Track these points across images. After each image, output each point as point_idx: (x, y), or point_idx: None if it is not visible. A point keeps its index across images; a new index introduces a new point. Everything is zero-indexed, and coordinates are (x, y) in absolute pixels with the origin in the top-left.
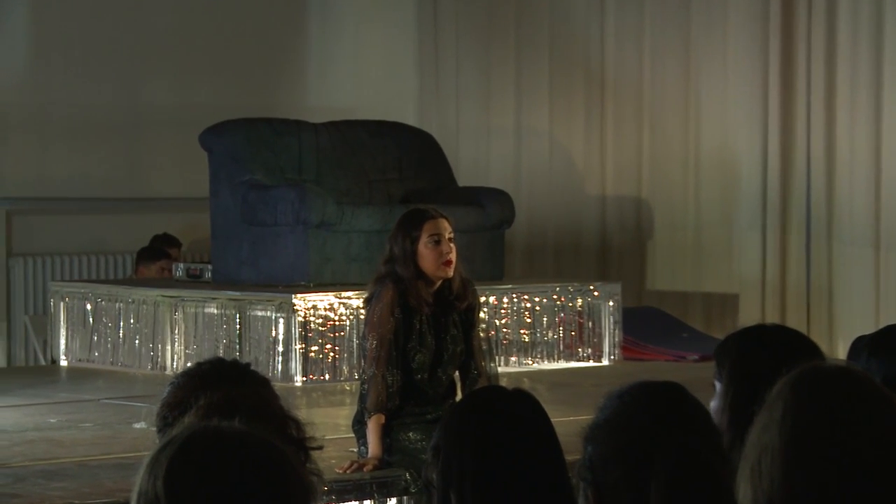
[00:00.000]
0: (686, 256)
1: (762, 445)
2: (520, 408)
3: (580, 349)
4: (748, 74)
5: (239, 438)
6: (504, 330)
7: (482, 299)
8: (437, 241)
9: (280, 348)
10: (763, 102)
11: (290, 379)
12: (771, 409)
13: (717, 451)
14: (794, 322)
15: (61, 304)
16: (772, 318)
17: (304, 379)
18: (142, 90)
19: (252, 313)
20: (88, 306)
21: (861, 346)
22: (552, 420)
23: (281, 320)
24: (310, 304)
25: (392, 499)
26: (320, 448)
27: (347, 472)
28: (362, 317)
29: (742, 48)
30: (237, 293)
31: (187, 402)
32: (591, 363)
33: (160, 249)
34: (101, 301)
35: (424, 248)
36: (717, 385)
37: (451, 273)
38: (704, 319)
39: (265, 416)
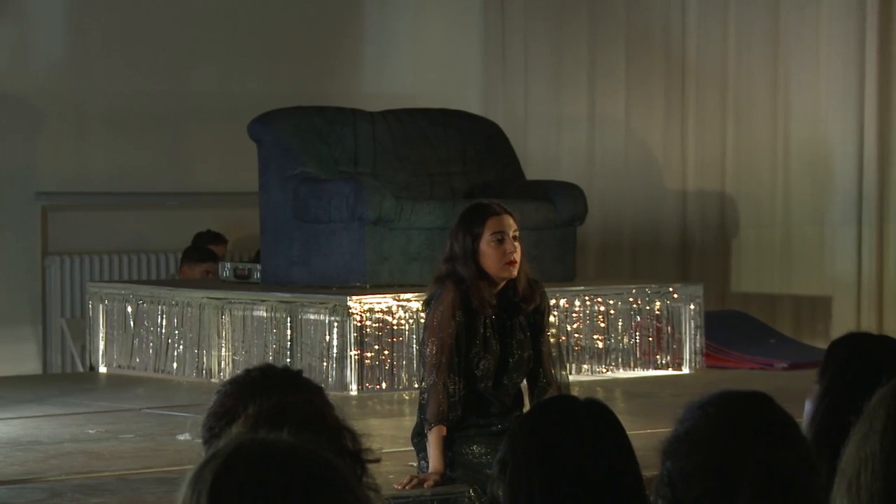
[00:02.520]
0: (774, 255)
1: (861, 458)
2: (593, 419)
3: (658, 356)
4: (843, 57)
5: (288, 451)
6: (576, 335)
7: (552, 302)
8: (501, 239)
9: (334, 354)
10: (859, 88)
11: (345, 387)
12: (871, 420)
13: (807, 466)
14: (893, 327)
15: (100, 306)
16: (867, 322)
17: (360, 387)
18: (187, 77)
19: (304, 317)
20: (129, 309)
21: None
22: (628, 433)
23: (335, 324)
24: (366, 307)
25: None
26: (377, 461)
27: (407, 487)
28: (422, 320)
29: (836, 29)
30: (288, 295)
31: (235, 412)
32: (670, 371)
33: (207, 250)
34: (143, 303)
35: (487, 247)
36: (818, 386)
37: (514, 274)
38: (794, 324)
39: (319, 426)
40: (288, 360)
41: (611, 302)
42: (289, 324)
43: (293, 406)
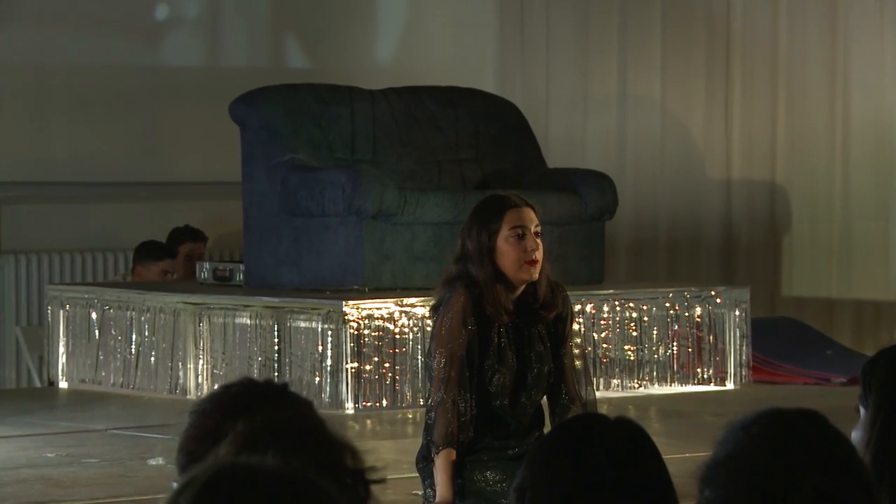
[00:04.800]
0: (831, 254)
1: None
2: (623, 441)
3: (699, 370)
4: None
5: (273, 476)
6: (604, 345)
7: (577, 308)
8: (521, 235)
9: (328, 367)
10: None
11: (340, 405)
12: None
13: (865, 494)
14: None
15: (61, 312)
16: None
17: (357, 405)
18: (161, 51)
19: (293, 324)
20: (94, 315)
21: None
22: (663, 457)
23: (329, 333)
24: (364, 313)
25: None
26: (383, 481)
27: None
28: (428, 329)
29: None
30: (275, 299)
31: (219, 432)
32: (712, 387)
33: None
34: (110, 309)
35: (505, 244)
36: (862, 411)
37: (535, 275)
38: (854, 333)
39: (316, 443)
40: (275, 373)
41: (644, 308)
42: (276, 332)
43: (285, 422)
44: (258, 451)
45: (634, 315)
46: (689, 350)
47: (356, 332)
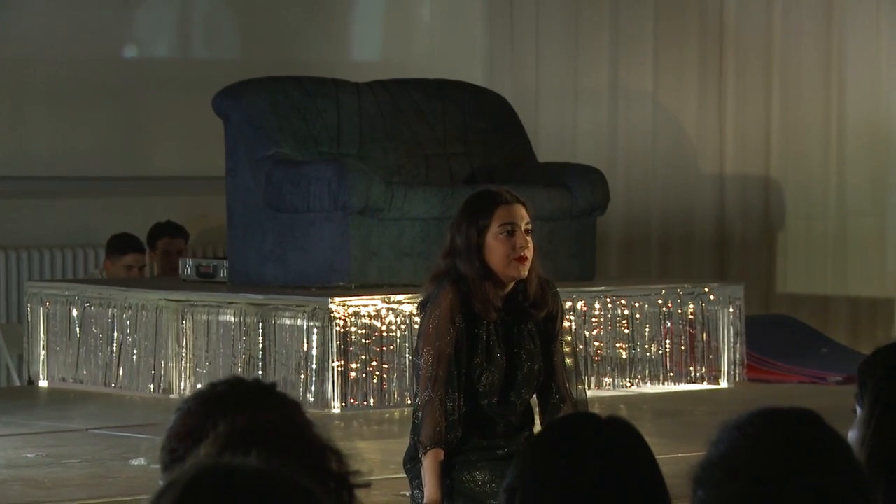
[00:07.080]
0: (826, 250)
1: None
2: (615, 441)
3: (692, 368)
4: None
5: (257, 477)
6: (595, 343)
7: (567, 305)
8: (511, 231)
9: (313, 366)
10: None
11: (326, 404)
12: None
13: (860, 493)
14: None
15: (40, 309)
16: None
17: (344, 404)
18: (141, 43)
19: (278, 322)
20: (74, 312)
21: None
22: (656, 457)
23: (314, 331)
24: (351, 311)
25: None
26: (368, 486)
27: None
28: (416, 326)
29: None
30: (259, 297)
31: (201, 431)
32: (705, 385)
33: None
34: (90, 306)
35: (494, 241)
36: (859, 410)
37: (525, 272)
38: (850, 330)
39: (299, 445)
40: (259, 372)
41: (636, 305)
42: (261, 330)
43: (270, 423)
44: (240, 452)
45: (626, 312)
46: (682, 348)
47: (342, 330)
